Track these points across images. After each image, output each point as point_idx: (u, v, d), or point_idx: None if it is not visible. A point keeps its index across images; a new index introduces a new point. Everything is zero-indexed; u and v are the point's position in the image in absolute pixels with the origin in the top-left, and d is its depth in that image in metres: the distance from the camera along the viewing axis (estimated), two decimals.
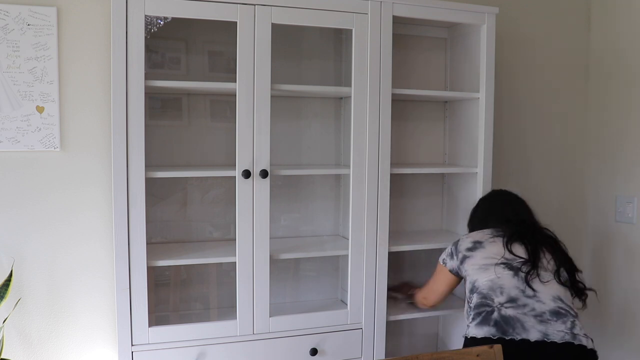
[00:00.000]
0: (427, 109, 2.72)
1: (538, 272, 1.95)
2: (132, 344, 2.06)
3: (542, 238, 2.09)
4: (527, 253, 2.00)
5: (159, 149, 2.33)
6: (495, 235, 2.10)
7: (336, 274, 2.58)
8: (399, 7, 2.28)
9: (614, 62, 2.87)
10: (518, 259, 1.98)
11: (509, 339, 1.80)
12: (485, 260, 2.02)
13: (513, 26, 2.84)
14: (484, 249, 2.06)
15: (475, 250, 2.08)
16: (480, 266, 2.02)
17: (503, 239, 2.06)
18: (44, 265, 2.23)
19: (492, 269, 1.98)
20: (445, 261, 2.19)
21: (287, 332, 2.23)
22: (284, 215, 2.53)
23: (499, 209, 2.26)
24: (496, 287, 1.94)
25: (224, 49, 2.39)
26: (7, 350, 2.18)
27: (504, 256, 2.00)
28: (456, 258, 2.13)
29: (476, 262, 2.04)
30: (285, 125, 2.49)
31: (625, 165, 2.82)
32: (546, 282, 1.94)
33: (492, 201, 2.34)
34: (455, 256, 2.13)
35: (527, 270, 1.94)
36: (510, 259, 1.99)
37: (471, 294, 2.01)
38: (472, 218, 2.35)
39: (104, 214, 2.28)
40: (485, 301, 1.93)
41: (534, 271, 1.94)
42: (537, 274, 1.94)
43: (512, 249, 2.02)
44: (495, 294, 1.92)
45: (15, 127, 2.15)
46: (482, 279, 1.99)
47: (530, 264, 1.96)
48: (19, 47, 2.13)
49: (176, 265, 2.29)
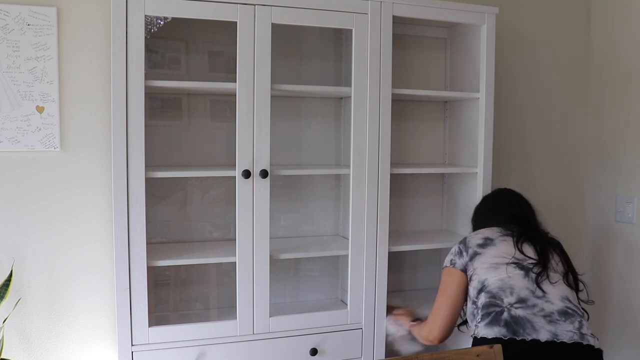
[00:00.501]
0: (427, 109, 2.72)
1: (548, 274, 1.95)
2: (132, 344, 2.06)
3: (549, 240, 2.09)
4: (536, 254, 2.00)
5: (159, 149, 2.33)
6: (505, 234, 2.07)
7: (336, 274, 2.58)
8: (399, 7, 2.28)
9: (614, 62, 2.87)
10: (529, 259, 1.98)
11: (520, 340, 1.80)
12: (496, 259, 1.99)
13: (513, 26, 2.84)
14: (494, 247, 2.03)
15: (486, 247, 2.03)
16: (491, 265, 1.99)
17: (513, 238, 2.04)
18: (44, 265, 2.23)
19: (504, 268, 1.96)
20: (453, 262, 2.07)
21: (287, 332, 2.23)
22: (284, 215, 2.53)
23: (504, 206, 2.25)
24: (506, 287, 1.92)
25: (224, 49, 2.39)
26: (7, 350, 2.18)
27: (515, 256, 1.98)
28: (466, 254, 2.04)
29: (486, 261, 2.00)
30: (285, 125, 2.49)
31: (625, 165, 2.82)
32: (555, 282, 1.94)
33: (496, 199, 2.33)
34: (465, 252, 2.05)
35: (538, 272, 1.94)
36: (521, 259, 1.98)
37: (479, 294, 1.97)
38: (475, 215, 2.32)
39: (104, 214, 2.28)
40: (494, 301, 1.91)
41: (544, 272, 1.94)
42: (547, 275, 1.94)
43: (522, 248, 2.00)
44: (505, 294, 1.91)
45: (15, 127, 2.15)
46: (492, 278, 1.95)
47: (540, 266, 1.96)
48: (19, 47, 2.13)
49: (176, 265, 2.29)
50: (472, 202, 2.51)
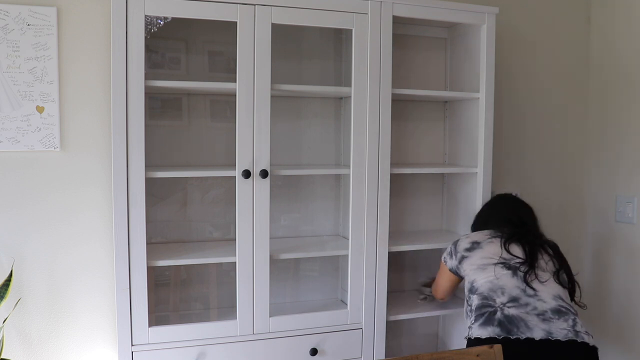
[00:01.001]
0: (427, 109, 2.72)
1: (536, 272, 1.96)
2: (132, 344, 2.06)
3: (542, 242, 2.09)
4: (524, 253, 2.01)
5: (159, 149, 2.33)
6: (494, 236, 2.11)
7: (336, 274, 2.58)
8: (399, 7, 2.28)
9: (614, 62, 2.87)
10: (515, 258, 1.99)
11: (514, 339, 1.80)
12: (483, 260, 2.03)
13: (513, 26, 2.84)
14: (481, 249, 2.08)
15: (473, 250, 2.10)
16: (478, 266, 2.03)
17: (501, 239, 2.07)
18: (44, 265, 2.23)
19: (491, 268, 1.99)
20: (445, 259, 2.23)
21: (287, 332, 2.23)
22: (284, 215, 2.53)
23: (501, 210, 2.29)
24: (497, 288, 1.94)
25: (224, 49, 2.39)
26: (7, 350, 2.18)
27: (502, 256, 2.02)
28: (455, 257, 2.16)
29: (474, 262, 2.06)
30: (285, 125, 2.49)
31: (625, 165, 2.82)
32: (545, 281, 1.95)
33: (495, 204, 2.37)
34: (454, 255, 2.16)
35: (525, 270, 1.96)
36: (508, 258, 2.00)
37: (470, 294, 2.01)
38: (475, 220, 2.37)
39: (104, 214, 2.28)
40: (486, 302, 1.93)
41: (531, 271, 1.96)
42: (535, 274, 1.96)
43: (509, 248, 2.03)
44: (497, 294, 1.93)
45: (15, 127, 2.15)
46: (480, 279, 2.00)
47: (527, 264, 1.97)
48: (19, 47, 2.13)
49: (176, 265, 2.29)
50: (472, 202, 2.52)
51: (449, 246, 2.23)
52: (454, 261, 2.16)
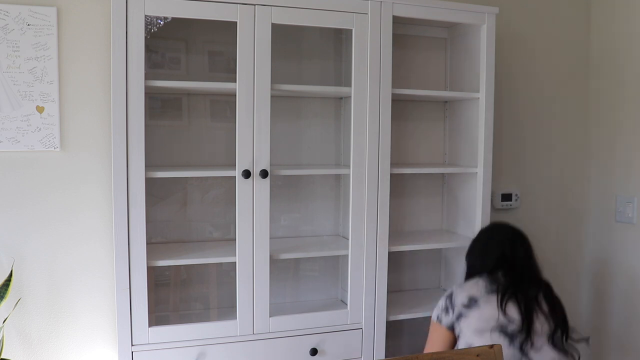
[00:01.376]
0: (427, 109, 2.72)
1: (532, 340, 1.94)
2: (132, 344, 2.06)
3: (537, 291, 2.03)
4: (520, 314, 1.96)
5: (159, 149, 2.33)
6: (490, 291, 2.02)
7: (336, 274, 2.58)
8: (399, 7, 2.28)
9: (614, 62, 2.87)
10: (512, 324, 1.95)
11: None
12: (481, 324, 1.97)
13: (513, 26, 2.84)
14: (479, 308, 1.99)
15: (471, 308, 2.00)
16: (475, 329, 1.97)
17: (497, 295, 2.00)
18: (44, 265, 2.23)
19: (488, 334, 1.95)
20: (440, 318, 2.06)
21: (287, 332, 2.23)
22: (284, 215, 2.53)
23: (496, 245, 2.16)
24: None
25: (224, 49, 2.39)
26: (7, 350, 2.18)
27: (498, 320, 1.96)
28: (452, 313, 2.03)
29: (471, 324, 1.98)
30: (285, 125, 2.49)
31: (625, 165, 2.82)
32: (540, 347, 1.93)
33: (491, 236, 2.24)
34: (452, 310, 2.04)
35: (522, 340, 1.93)
36: (505, 324, 1.95)
37: None
38: (470, 252, 2.25)
39: (104, 214, 2.28)
40: None
41: (527, 339, 1.93)
42: (531, 342, 1.93)
43: (506, 309, 1.97)
44: None
45: (15, 127, 2.15)
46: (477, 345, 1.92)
47: (524, 332, 1.94)
48: (19, 47, 2.13)
49: (176, 265, 2.29)
50: (472, 202, 2.52)
51: (440, 302, 2.08)
52: (451, 317, 2.03)
